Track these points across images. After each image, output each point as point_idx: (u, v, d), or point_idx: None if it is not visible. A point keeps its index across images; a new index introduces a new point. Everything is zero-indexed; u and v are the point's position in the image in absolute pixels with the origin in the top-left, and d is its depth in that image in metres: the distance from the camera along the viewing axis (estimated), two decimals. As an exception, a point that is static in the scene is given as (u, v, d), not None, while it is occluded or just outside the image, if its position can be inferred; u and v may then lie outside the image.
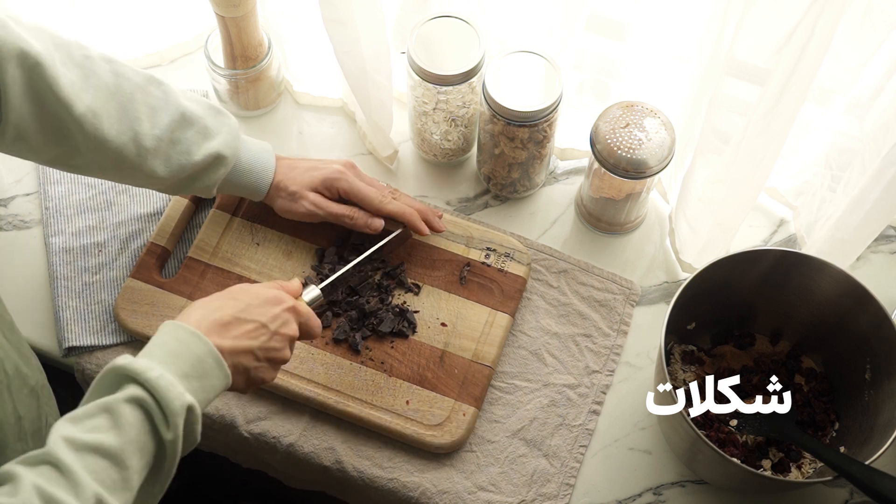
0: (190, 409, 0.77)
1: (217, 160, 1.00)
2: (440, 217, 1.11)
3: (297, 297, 0.95)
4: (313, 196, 1.07)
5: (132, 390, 0.75)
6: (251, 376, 0.87)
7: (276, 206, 1.09)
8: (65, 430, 0.72)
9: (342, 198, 1.09)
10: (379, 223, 1.08)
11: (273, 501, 1.50)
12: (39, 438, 0.91)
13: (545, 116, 1.07)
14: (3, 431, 0.83)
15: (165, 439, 0.75)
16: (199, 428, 0.79)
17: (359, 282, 1.09)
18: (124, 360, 0.76)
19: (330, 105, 1.26)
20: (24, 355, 0.91)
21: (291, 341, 0.91)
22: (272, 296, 0.89)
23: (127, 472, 0.73)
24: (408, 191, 1.20)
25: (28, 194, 1.19)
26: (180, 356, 0.80)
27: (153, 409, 0.75)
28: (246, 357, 0.86)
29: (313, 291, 0.97)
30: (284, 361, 0.90)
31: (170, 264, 1.14)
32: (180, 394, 0.76)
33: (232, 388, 0.86)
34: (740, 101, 0.98)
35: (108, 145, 0.94)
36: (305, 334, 0.94)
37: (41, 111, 0.91)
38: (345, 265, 1.08)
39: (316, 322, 0.94)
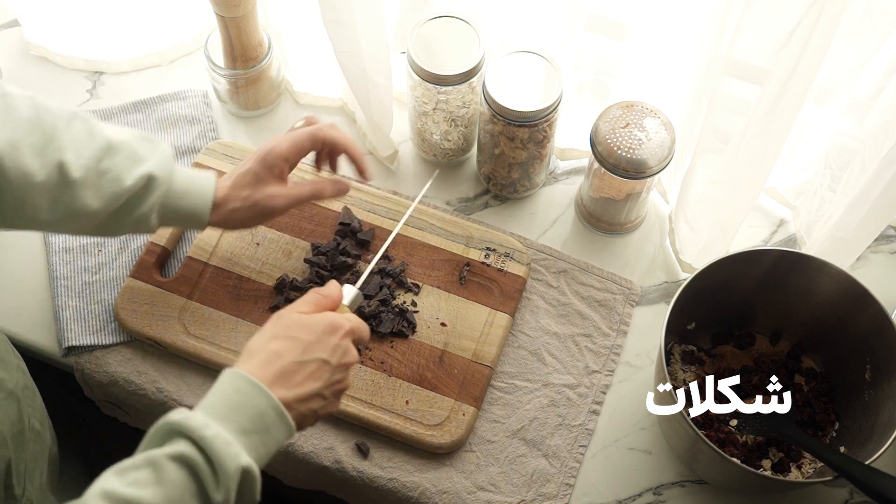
0: (246, 472, 0.73)
1: (150, 182, 0.93)
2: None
3: (340, 303, 0.90)
4: (267, 191, 0.99)
5: (181, 447, 0.72)
6: (319, 415, 0.84)
7: (236, 221, 1.00)
8: (107, 483, 0.70)
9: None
10: (345, 185, 1.03)
11: (273, 501, 1.50)
12: (21, 441, 0.90)
13: (545, 116, 1.07)
14: None
15: (214, 501, 0.72)
16: (257, 488, 0.75)
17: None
18: (181, 415, 0.74)
19: (330, 105, 1.26)
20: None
21: (351, 366, 0.86)
22: (327, 324, 0.84)
23: None
24: (408, 191, 1.20)
25: (28, 194, 1.19)
26: (240, 410, 0.76)
27: (202, 469, 0.72)
28: (313, 401, 0.82)
29: (351, 292, 0.91)
30: (347, 388, 0.87)
31: (170, 264, 1.14)
32: (236, 455, 0.73)
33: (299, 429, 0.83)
34: (740, 101, 0.98)
35: (31, 179, 0.87)
36: (357, 345, 0.89)
37: None
38: (346, 259, 1.08)
39: (367, 331, 0.88)
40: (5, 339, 0.94)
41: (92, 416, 1.25)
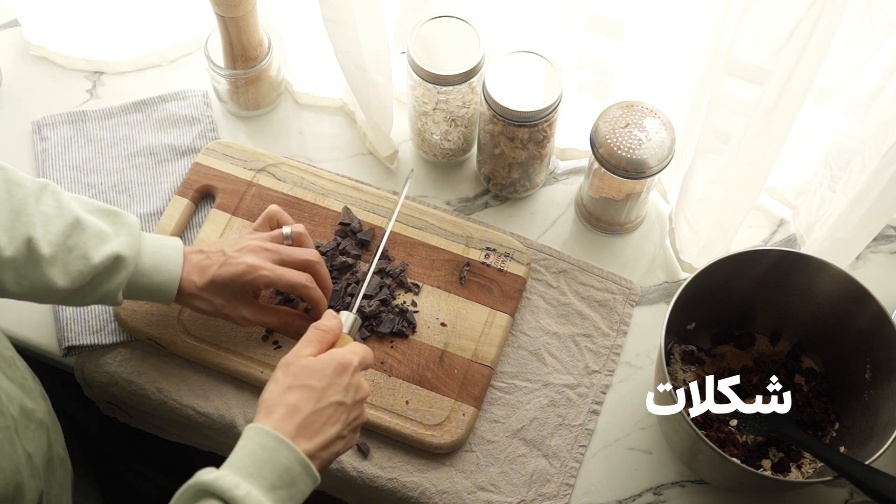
0: None
1: (117, 262, 0.93)
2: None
3: (340, 333, 0.91)
4: (242, 312, 0.99)
5: None
6: (341, 453, 0.86)
7: (198, 311, 1.00)
8: None
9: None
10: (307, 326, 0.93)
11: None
12: (51, 469, 0.89)
13: (545, 116, 1.07)
14: (19, 474, 0.81)
15: None
16: None
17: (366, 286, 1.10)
18: (211, 475, 0.75)
19: (330, 105, 1.26)
20: (27, 389, 0.89)
21: (365, 399, 0.88)
22: (336, 366, 0.85)
23: None
24: (408, 191, 1.20)
25: (28, 194, 1.19)
26: (267, 466, 0.78)
27: None
28: (335, 444, 0.84)
29: (349, 318, 0.93)
30: (364, 421, 0.88)
31: (170, 264, 1.14)
32: None
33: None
34: (740, 101, 0.98)
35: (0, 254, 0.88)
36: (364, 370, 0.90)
37: None
38: (346, 259, 1.08)
39: (371, 357, 0.90)
40: (27, 367, 0.94)
41: (92, 416, 1.25)
